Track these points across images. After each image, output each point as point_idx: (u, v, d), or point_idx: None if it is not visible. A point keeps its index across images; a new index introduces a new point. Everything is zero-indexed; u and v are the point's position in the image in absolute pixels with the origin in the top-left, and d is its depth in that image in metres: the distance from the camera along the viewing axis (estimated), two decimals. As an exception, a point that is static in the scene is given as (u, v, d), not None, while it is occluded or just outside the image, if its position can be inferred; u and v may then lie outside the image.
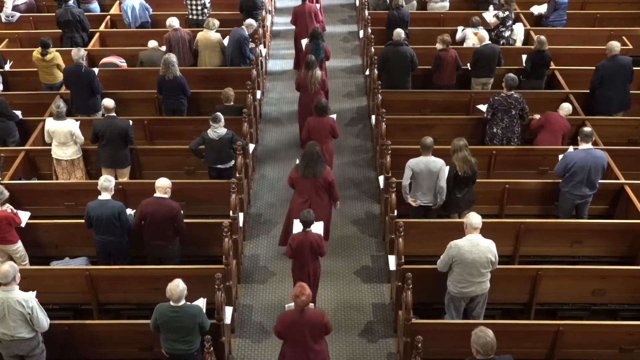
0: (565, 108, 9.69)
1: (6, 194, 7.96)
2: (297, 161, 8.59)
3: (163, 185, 7.80)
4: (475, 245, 6.99)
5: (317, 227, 7.70)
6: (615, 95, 10.36)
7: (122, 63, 11.66)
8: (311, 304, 6.57)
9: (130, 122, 9.38)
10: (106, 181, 7.79)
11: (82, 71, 10.24)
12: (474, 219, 7.05)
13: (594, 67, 10.75)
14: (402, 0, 12.26)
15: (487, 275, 7.14)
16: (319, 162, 8.32)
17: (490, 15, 12.21)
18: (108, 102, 9.27)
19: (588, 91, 10.72)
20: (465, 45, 12.23)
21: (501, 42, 11.96)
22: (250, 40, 11.75)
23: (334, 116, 9.75)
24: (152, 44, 11.62)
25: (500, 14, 12.03)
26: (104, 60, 11.65)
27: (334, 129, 9.54)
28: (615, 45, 10.31)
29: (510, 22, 12.06)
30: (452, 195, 8.49)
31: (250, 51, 11.63)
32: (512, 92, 9.48)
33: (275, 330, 6.60)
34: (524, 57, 11.09)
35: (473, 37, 12.08)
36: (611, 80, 10.23)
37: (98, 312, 7.86)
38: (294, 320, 6.44)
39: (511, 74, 9.57)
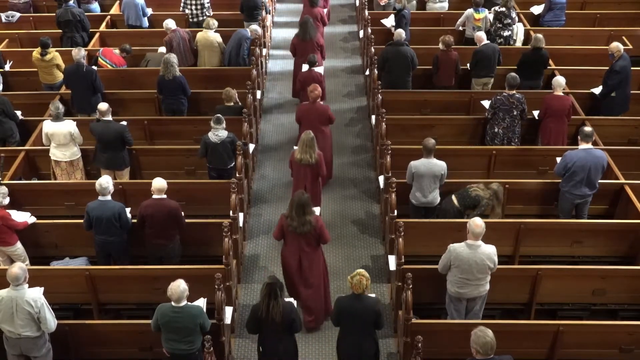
0: (559, 84, 9.61)
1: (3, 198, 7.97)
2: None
3: (161, 186, 7.78)
4: (473, 251, 6.93)
5: (318, 69, 10.71)
6: (629, 92, 10.51)
7: (114, 67, 11.42)
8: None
9: (125, 124, 9.36)
10: (101, 188, 7.71)
11: (83, 70, 10.25)
12: (476, 228, 6.90)
13: (593, 67, 10.75)
14: (404, 0, 12.29)
15: (485, 279, 7.12)
16: (312, 28, 11.30)
17: (488, 13, 12.24)
18: (101, 106, 9.18)
19: (589, 91, 10.73)
20: (466, 30, 12.27)
21: (498, 42, 11.92)
22: (251, 45, 11.73)
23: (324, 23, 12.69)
24: (163, 50, 11.60)
25: (496, 9, 12.05)
26: (105, 55, 11.47)
27: (323, 16, 12.60)
28: (620, 44, 10.39)
29: (509, 20, 12.03)
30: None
31: (249, 54, 11.61)
32: (514, 92, 9.48)
33: (296, 117, 9.64)
34: (523, 58, 11.07)
35: (473, 21, 12.11)
36: (627, 78, 10.34)
37: (98, 312, 7.86)
38: (307, 108, 9.52)
39: (512, 74, 9.57)
